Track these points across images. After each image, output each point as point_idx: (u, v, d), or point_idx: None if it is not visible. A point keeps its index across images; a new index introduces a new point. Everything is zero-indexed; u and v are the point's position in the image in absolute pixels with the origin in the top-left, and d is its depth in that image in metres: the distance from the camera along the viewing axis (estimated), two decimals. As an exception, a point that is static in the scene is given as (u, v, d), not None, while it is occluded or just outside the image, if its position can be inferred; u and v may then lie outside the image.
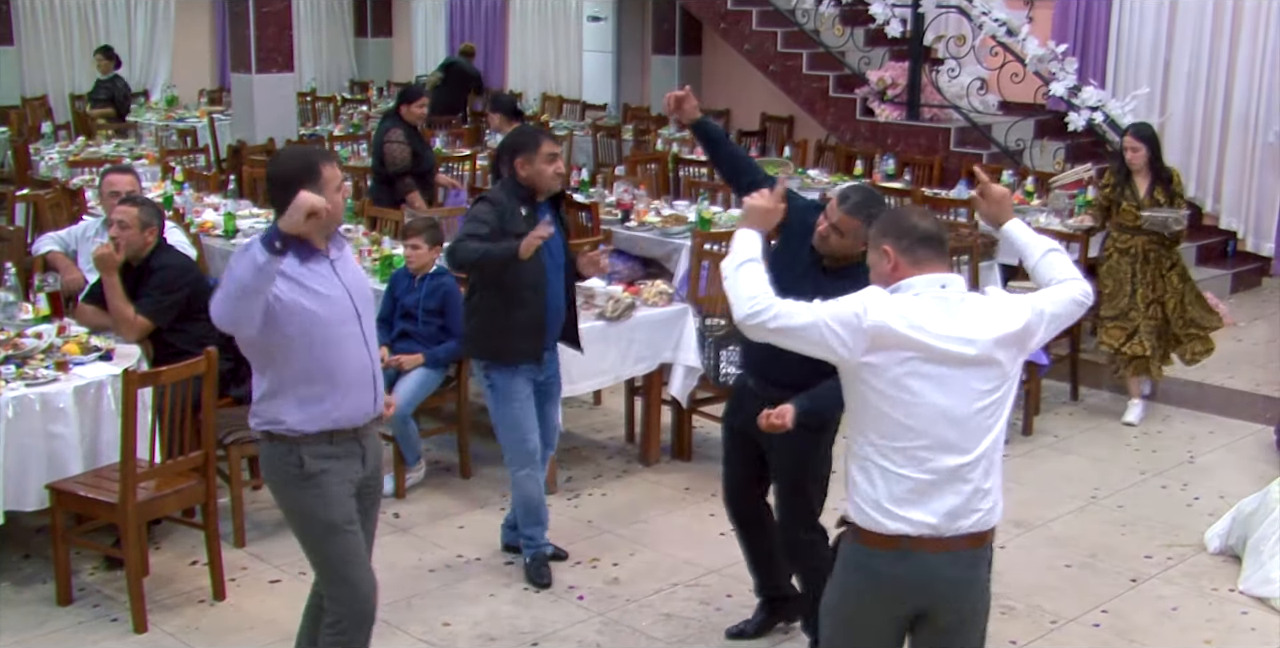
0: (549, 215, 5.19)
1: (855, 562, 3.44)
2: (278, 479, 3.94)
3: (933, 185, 10.31)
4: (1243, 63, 10.89)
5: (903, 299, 3.32)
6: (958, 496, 3.36)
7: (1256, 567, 5.42)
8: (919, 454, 3.32)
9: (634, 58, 16.54)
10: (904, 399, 3.29)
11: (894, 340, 3.27)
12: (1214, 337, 7.72)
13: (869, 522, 3.36)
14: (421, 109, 9.21)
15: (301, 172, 3.75)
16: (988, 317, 3.36)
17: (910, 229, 3.39)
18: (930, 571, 3.36)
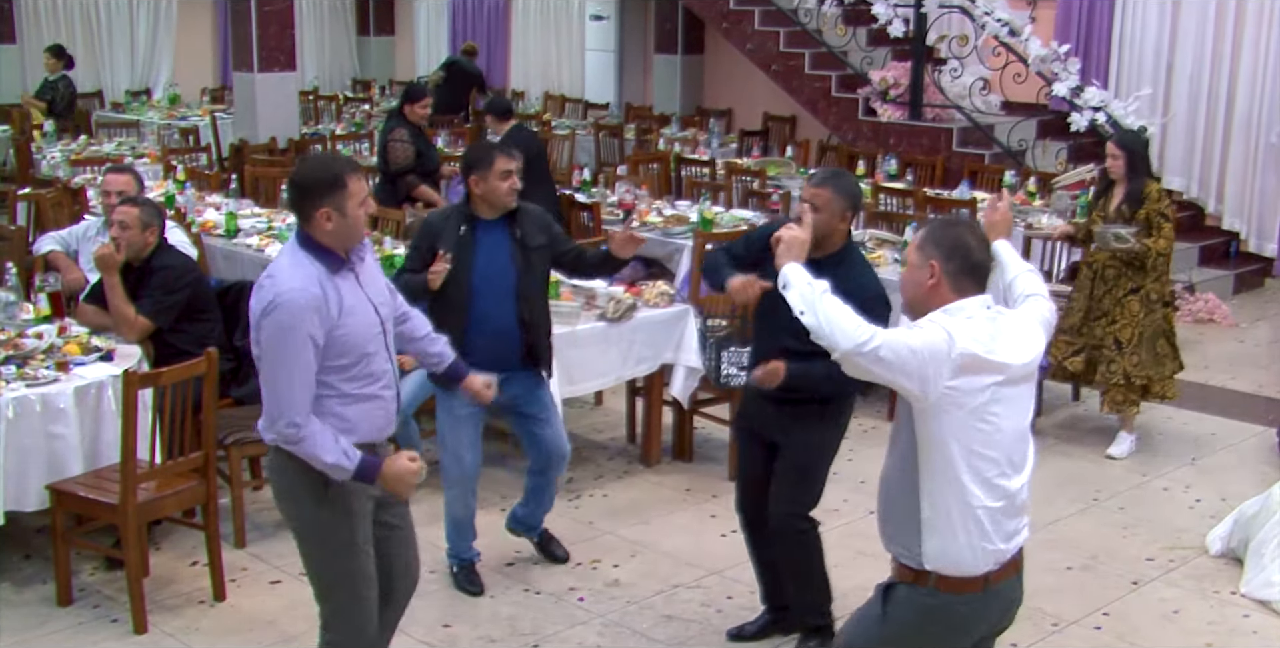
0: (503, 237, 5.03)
1: (933, 610, 3.36)
2: (296, 495, 3.80)
3: (935, 186, 10.30)
4: (1245, 64, 10.88)
5: (967, 323, 3.28)
6: (1021, 514, 3.40)
7: (1258, 570, 5.41)
8: (996, 482, 3.30)
9: (636, 57, 16.52)
10: (984, 428, 3.26)
11: (978, 366, 3.23)
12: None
13: (961, 568, 3.31)
14: (424, 109, 9.25)
15: (326, 184, 3.65)
16: (1025, 332, 3.41)
17: (964, 254, 3.34)
18: (1006, 599, 3.42)
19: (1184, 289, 10.08)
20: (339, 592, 3.85)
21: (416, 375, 6.16)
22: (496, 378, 4.59)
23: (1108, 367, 6.83)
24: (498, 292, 5.02)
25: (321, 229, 3.67)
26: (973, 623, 3.40)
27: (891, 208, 9.30)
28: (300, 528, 3.87)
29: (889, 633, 3.42)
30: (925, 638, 3.41)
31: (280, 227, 8.24)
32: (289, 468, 3.77)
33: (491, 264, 5.02)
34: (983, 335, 3.25)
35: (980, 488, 3.27)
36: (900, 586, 3.41)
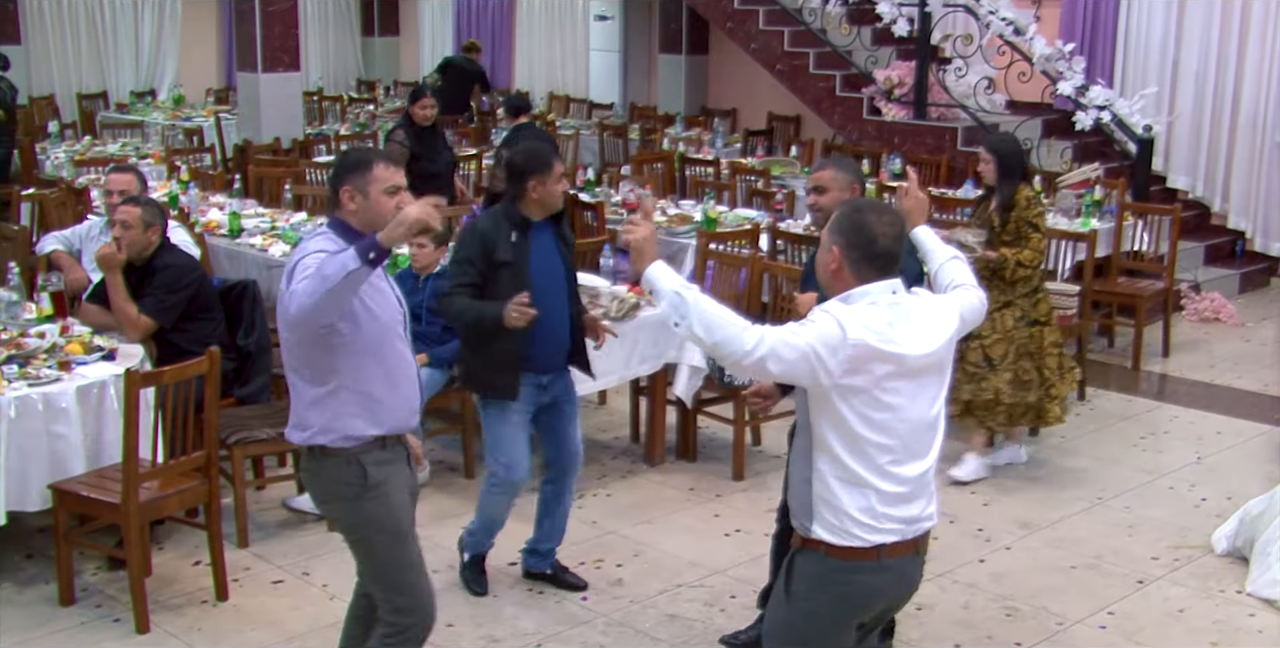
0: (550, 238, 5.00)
1: (827, 577, 3.39)
2: (338, 494, 3.81)
3: (939, 185, 10.28)
4: (1251, 62, 10.84)
5: (866, 311, 3.27)
6: (922, 500, 3.43)
7: (1264, 569, 5.39)
8: (888, 468, 3.32)
9: (641, 57, 16.51)
10: (878, 416, 3.28)
11: (872, 358, 3.23)
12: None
13: (847, 538, 3.34)
14: (424, 109, 9.27)
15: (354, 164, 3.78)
16: (934, 319, 3.40)
17: (867, 242, 3.31)
18: (902, 575, 3.45)
19: (1190, 288, 10.06)
20: (401, 583, 3.89)
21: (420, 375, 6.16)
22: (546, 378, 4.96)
23: (978, 384, 6.41)
24: (553, 292, 4.97)
25: (346, 209, 3.77)
26: (872, 591, 3.41)
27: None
28: (351, 526, 3.87)
29: (794, 606, 3.46)
30: (825, 610, 3.43)
31: (284, 226, 8.24)
32: (323, 470, 3.81)
33: (545, 266, 4.95)
34: (879, 324, 3.24)
35: (872, 473, 3.30)
36: (796, 554, 3.46)
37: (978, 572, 5.56)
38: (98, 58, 17.11)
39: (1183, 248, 9.68)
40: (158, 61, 17.60)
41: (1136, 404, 7.87)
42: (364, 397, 3.74)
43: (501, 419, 5.01)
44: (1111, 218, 8.96)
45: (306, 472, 3.91)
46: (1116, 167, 10.56)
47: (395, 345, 3.81)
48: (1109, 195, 9.38)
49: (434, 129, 9.41)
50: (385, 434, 3.81)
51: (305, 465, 3.91)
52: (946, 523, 6.04)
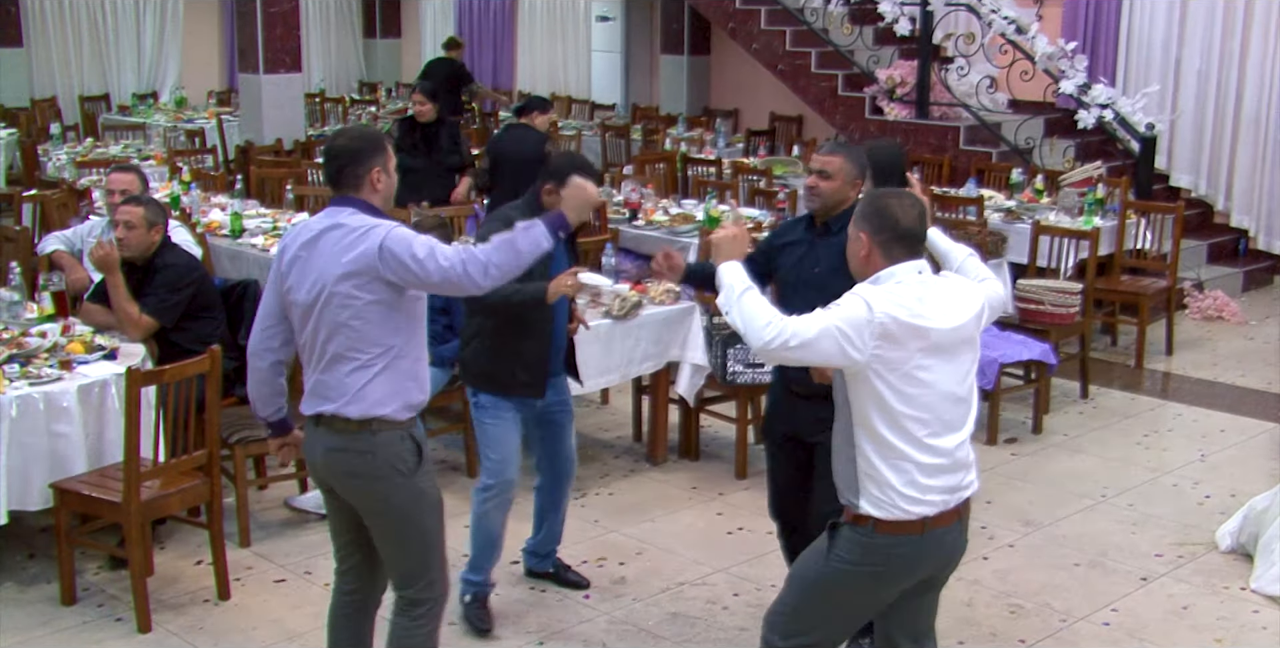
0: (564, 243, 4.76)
1: (872, 550, 3.50)
2: (391, 472, 3.79)
3: (942, 184, 10.28)
4: (1253, 60, 10.83)
5: (893, 289, 3.42)
6: (962, 470, 3.54)
7: (1268, 565, 5.37)
8: (927, 441, 3.44)
9: (642, 57, 16.52)
10: (912, 391, 3.41)
11: (902, 332, 3.36)
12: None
13: (894, 512, 3.45)
14: (415, 106, 9.31)
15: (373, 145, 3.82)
16: (961, 295, 3.55)
17: (892, 224, 3.47)
18: (946, 543, 3.56)
19: (1193, 286, 10.05)
20: (434, 557, 3.95)
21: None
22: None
23: None
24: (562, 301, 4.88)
25: (373, 190, 3.80)
26: (913, 564, 3.54)
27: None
28: (400, 502, 3.83)
29: (832, 568, 3.57)
30: (865, 573, 3.54)
31: (285, 226, 8.23)
32: (379, 447, 3.78)
33: (557, 269, 4.80)
34: (907, 299, 3.39)
35: (911, 446, 3.43)
36: (844, 526, 3.56)
37: (981, 569, 5.55)
38: (99, 60, 17.13)
39: (1185, 246, 9.67)
40: (159, 63, 17.61)
41: (1140, 402, 7.86)
42: (414, 364, 3.82)
43: (496, 417, 4.92)
44: (1114, 216, 8.96)
45: (352, 453, 3.78)
46: (1119, 165, 10.56)
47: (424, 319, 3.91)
48: (1111, 194, 9.37)
49: (426, 127, 9.29)
50: (419, 408, 3.89)
51: (352, 446, 3.77)
52: (950, 521, 6.04)
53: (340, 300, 3.70)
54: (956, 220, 8.57)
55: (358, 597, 4.09)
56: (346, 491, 3.89)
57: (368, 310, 3.70)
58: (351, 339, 3.73)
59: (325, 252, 3.72)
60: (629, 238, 8.58)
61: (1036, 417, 7.28)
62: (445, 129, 9.40)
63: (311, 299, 3.74)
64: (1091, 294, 8.03)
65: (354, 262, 3.66)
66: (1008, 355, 7.00)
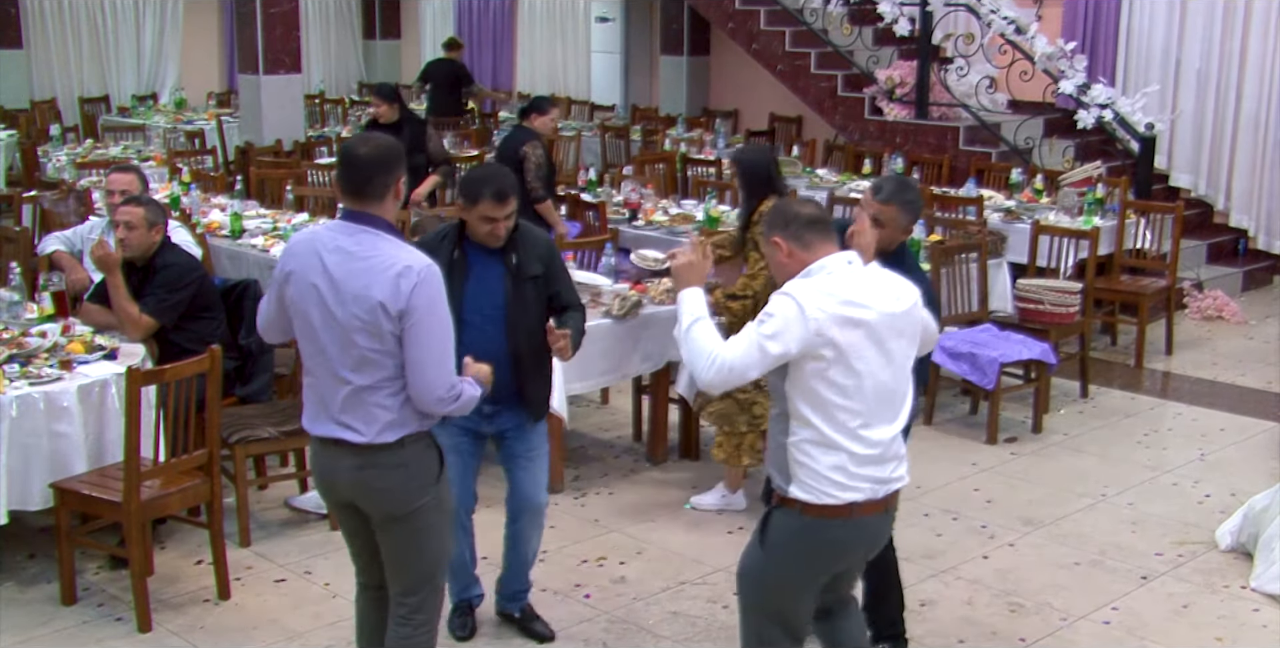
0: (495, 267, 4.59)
1: (802, 533, 3.60)
2: (424, 481, 3.81)
3: (942, 184, 10.28)
4: (1253, 60, 10.84)
5: (824, 281, 3.51)
6: (893, 462, 3.62)
7: (1268, 564, 5.38)
8: (859, 432, 3.52)
9: (642, 58, 16.52)
10: (844, 382, 3.48)
11: (835, 324, 3.43)
12: None
13: (821, 496, 3.54)
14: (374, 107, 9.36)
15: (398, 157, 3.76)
16: (896, 285, 3.63)
17: (794, 217, 3.59)
18: (872, 531, 3.68)
19: (1192, 286, 10.06)
20: (442, 563, 3.98)
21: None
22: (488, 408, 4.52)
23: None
24: (487, 321, 4.57)
25: (394, 202, 3.75)
26: (842, 546, 3.66)
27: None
28: (425, 511, 3.83)
29: (769, 555, 3.67)
30: (800, 564, 3.65)
31: (285, 227, 8.24)
32: (412, 458, 3.78)
33: (481, 292, 4.57)
34: (839, 289, 3.48)
35: (842, 435, 3.51)
36: (775, 510, 3.67)
37: (982, 568, 5.55)
38: (99, 61, 17.12)
39: (1185, 246, 9.68)
40: (159, 65, 17.61)
41: (1140, 401, 7.86)
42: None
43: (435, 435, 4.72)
44: (1114, 216, 8.96)
45: (389, 468, 3.75)
46: (1119, 165, 10.56)
47: None
48: (1111, 193, 9.37)
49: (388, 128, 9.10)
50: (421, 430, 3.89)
51: (388, 462, 3.75)
52: (950, 520, 6.04)
53: (373, 330, 3.62)
54: (956, 220, 8.57)
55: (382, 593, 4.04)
56: (377, 504, 3.82)
57: (395, 341, 3.65)
58: (380, 368, 3.66)
59: (358, 276, 3.61)
60: (629, 238, 8.58)
61: (1036, 416, 7.28)
62: (408, 129, 9.21)
63: (333, 320, 3.65)
64: (1091, 294, 8.04)
65: (391, 299, 3.58)
66: (1008, 355, 7.00)
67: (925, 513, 6.12)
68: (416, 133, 9.23)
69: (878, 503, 3.60)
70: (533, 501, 4.83)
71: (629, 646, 4.90)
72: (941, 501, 6.27)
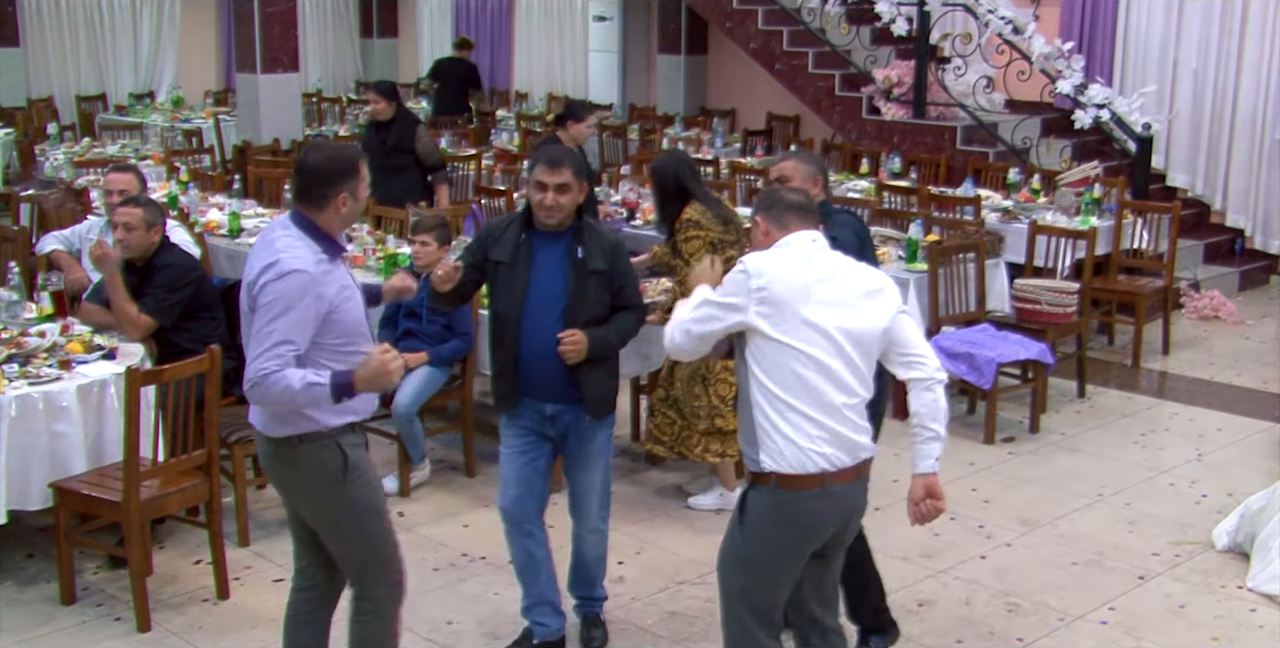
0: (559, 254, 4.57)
1: (779, 507, 3.67)
2: (321, 477, 3.86)
3: (939, 184, 10.29)
4: (1250, 60, 10.85)
5: (783, 253, 3.69)
6: (856, 431, 3.71)
7: (1265, 564, 5.39)
8: (824, 400, 3.62)
9: (640, 57, 16.51)
10: (796, 346, 3.59)
11: (784, 290, 3.59)
12: None
13: (791, 465, 3.62)
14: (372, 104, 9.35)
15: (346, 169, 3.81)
16: (858, 268, 3.78)
17: (779, 201, 3.81)
18: (846, 500, 3.75)
19: (1189, 286, 10.07)
20: (377, 552, 4.00)
21: (421, 373, 6.17)
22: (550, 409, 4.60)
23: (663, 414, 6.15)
24: (549, 312, 4.54)
25: (335, 213, 3.81)
26: (819, 518, 3.71)
27: (896, 206, 9.29)
28: (328, 509, 3.91)
29: (748, 533, 3.74)
30: (776, 534, 3.71)
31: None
32: (303, 457, 3.84)
33: (543, 282, 4.56)
34: (793, 260, 3.65)
35: (809, 405, 3.61)
36: (750, 489, 3.75)
37: (979, 568, 5.56)
38: (96, 60, 17.10)
39: (1182, 246, 9.69)
40: (156, 63, 17.60)
41: (1137, 401, 7.87)
42: None
43: (505, 437, 4.73)
44: (1111, 216, 8.97)
45: (282, 463, 3.89)
46: (1116, 165, 10.57)
47: (360, 335, 3.90)
48: (1108, 193, 9.38)
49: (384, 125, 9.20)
50: (355, 421, 3.93)
51: (282, 456, 3.87)
52: (947, 520, 6.05)
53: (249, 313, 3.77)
54: (954, 220, 8.58)
55: (313, 594, 4.16)
56: (284, 496, 4.05)
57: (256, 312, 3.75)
58: None
59: (250, 262, 3.79)
60: (626, 237, 8.57)
61: (1034, 416, 7.29)
62: (396, 127, 9.20)
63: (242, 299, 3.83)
64: (1088, 294, 8.05)
65: (252, 284, 3.72)
66: (1005, 355, 7.01)
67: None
68: (404, 133, 9.17)
69: (849, 471, 3.69)
70: (589, 510, 4.81)
71: (628, 645, 4.92)
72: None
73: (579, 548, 4.89)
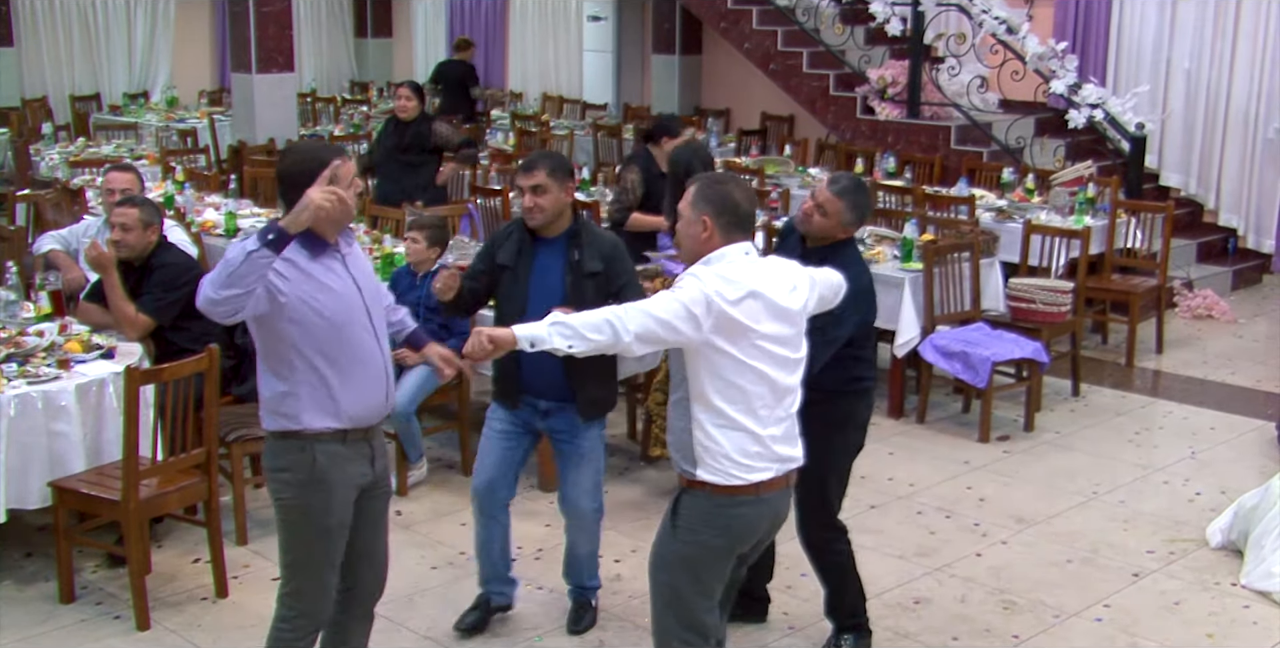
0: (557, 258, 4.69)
1: (713, 512, 3.72)
2: (286, 476, 3.88)
3: (933, 183, 10.32)
4: (1242, 59, 10.89)
5: (726, 269, 3.65)
6: (789, 441, 3.78)
7: (1258, 561, 5.42)
8: (760, 412, 3.67)
9: (634, 57, 16.53)
10: (748, 363, 3.62)
11: (737, 309, 3.58)
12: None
13: (729, 478, 3.68)
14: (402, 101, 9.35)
15: (316, 169, 3.69)
16: (788, 271, 3.81)
17: (733, 208, 3.72)
18: (775, 508, 3.82)
19: (1183, 285, 10.11)
20: (305, 572, 3.96)
21: (418, 372, 6.18)
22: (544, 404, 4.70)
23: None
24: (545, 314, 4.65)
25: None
26: (752, 524, 3.78)
27: (890, 205, 9.32)
28: (283, 507, 3.95)
29: (681, 536, 3.78)
30: (714, 544, 3.76)
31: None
32: (280, 452, 3.88)
33: (543, 285, 4.68)
34: (739, 276, 3.63)
35: (746, 417, 3.65)
36: (684, 494, 3.80)
37: (975, 566, 5.59)
38: (91, 60, 17.08)
39: (1175, 245, 9.72)
40: (151, 63, 17.58)
41: (1131, 400, 7.91)
42: (318, 393, 3.81)
43: (489, 418, 4.90)
44: (1105, 215, 9.00)
45: (267, 450, 3.95)
46: (1109, 164, 10.61)
47: (353, 341, 3.84)
48: (1102, 193, 9.41)
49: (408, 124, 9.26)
50: (346, 428, 3.87)
51: (267, 445, 3.95)
52: (943, 518, 6.08)
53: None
54: (948, 220, 8.61)
55: (344, 591, 4.12)
56: None
57: (256, 326, 3.78)
58: (260, 359, 3.85)
59: None
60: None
61: (1028, 414, 7.32)
62: (413, 127, 9.27)
63: None
64: (1082, 293, 8.08)
65: None
66: (1000, 354, 7.04)
67: (918, 511, 6.16)
68: (421, 131, 9.27)
69: (780, 480, 3.76)
70: (576, 506, 4.91)
71: (625, 643, 4.94)
72: (934, 499, 6.31)
73: (572, 543, 4.99)
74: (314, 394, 3.80)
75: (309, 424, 3.83)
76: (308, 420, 3.82)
